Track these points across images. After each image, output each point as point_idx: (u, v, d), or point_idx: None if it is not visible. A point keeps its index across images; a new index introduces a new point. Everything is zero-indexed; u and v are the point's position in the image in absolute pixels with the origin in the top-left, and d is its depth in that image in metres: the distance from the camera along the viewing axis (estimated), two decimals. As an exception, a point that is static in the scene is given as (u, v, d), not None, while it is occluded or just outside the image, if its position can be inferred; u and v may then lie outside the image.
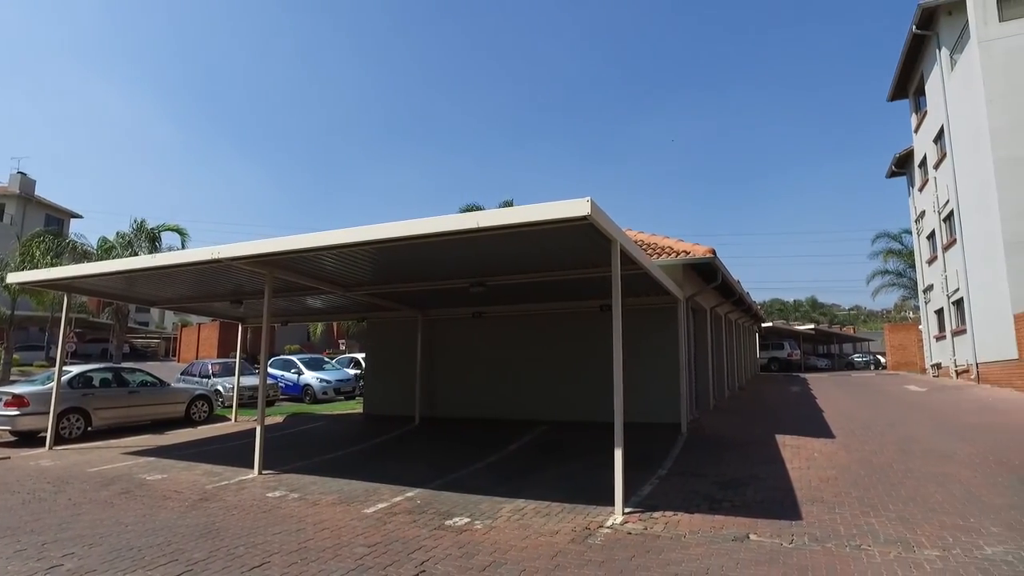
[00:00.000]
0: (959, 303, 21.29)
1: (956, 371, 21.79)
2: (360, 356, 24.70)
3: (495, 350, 13.89)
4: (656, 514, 6.10)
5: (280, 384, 20.99)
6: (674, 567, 4.72)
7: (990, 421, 11.43)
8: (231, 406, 15.76)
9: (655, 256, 11.27)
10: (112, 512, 6.70)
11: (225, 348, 39.77)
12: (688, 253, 11.38)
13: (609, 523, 5.85)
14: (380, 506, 6.72)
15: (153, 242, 25.67)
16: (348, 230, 6.98)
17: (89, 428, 12.63)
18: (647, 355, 11.74)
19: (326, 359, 26.05)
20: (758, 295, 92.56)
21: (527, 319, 13.46)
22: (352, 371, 23.59)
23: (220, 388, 17.92)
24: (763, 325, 34.79)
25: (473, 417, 13.53)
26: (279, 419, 15.53)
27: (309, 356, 25.30)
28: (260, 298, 9.84)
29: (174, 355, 49.78)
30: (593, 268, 8.60)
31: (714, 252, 11.23)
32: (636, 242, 9.54)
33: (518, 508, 6.50)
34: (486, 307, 13.42)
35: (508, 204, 28.82)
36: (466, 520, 6.10)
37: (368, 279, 10.33)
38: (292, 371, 21.69)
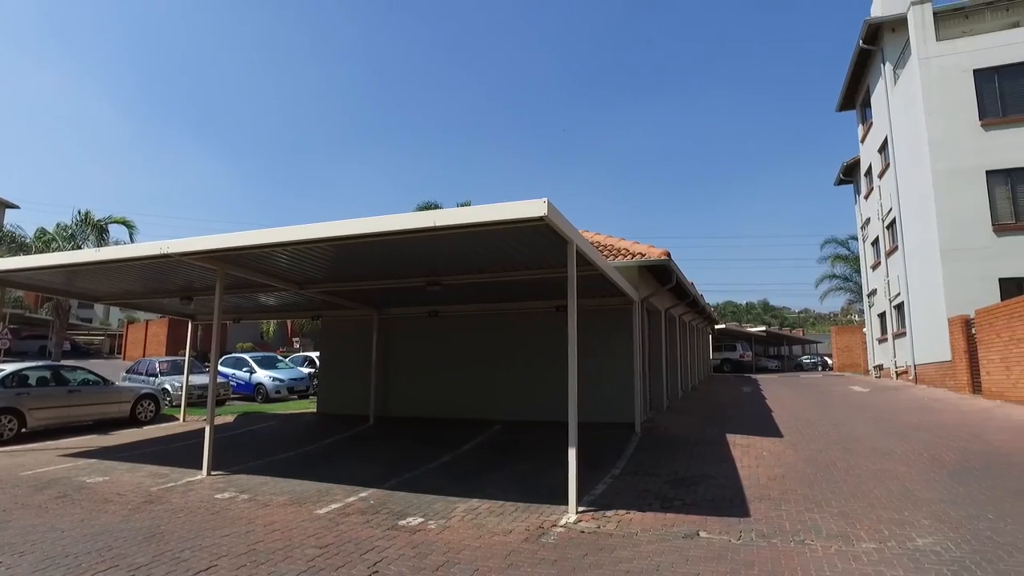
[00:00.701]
0: (900, 307, 22.19)
1: (896, 372, 22.71)
2: (314, 354, 24.29)
3: (451, 349, 13.84)
4: (609, 513, 6.18)
5: (231, 383, 20.48)
6: (626, 564, 4.80)
7: (925, 420, 11.95)
8: (180, 405, 15.30)
9: (611, 258, 11.41)
10: (47, 518, 6.42)
11: (174, 346, 38.59)
12: (643, 255, 11.55)
13: (563, 522, 5.90)
14: (333, 506, 6.63)
15: (101, 235, 24.72)
16: (304, 227, 6.87)
17: (24, 429, 12.07)
18: (602, 355, 11.87)
19: (279, 357, 25.53)
20: (712, 297, 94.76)
21: (483, 319, 13.46)
22: (306, 370, 23.19)
23: (168, 387, 17.38)
24: (716, 327, 35.57)
25: (428, 416, 13.45)
26: (230, 419, 15.15)
27: (262, 354, 24.74)
28: (211, 295, 9.58)
29: (119, 353, 48.08)
30: (549, 269, 8.65)
31: (669, 255, 11.44)
32: (592, 243, 9.66)
33: (472, 508, 6.50)
34: (442, 306, 13.37)
35: (466, 204, 28.84)
36: (420, 520, 6.07)
37: (323, 277, 10.17)
38: (244, 369, 21.19)
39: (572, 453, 6.22)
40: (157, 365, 19.09)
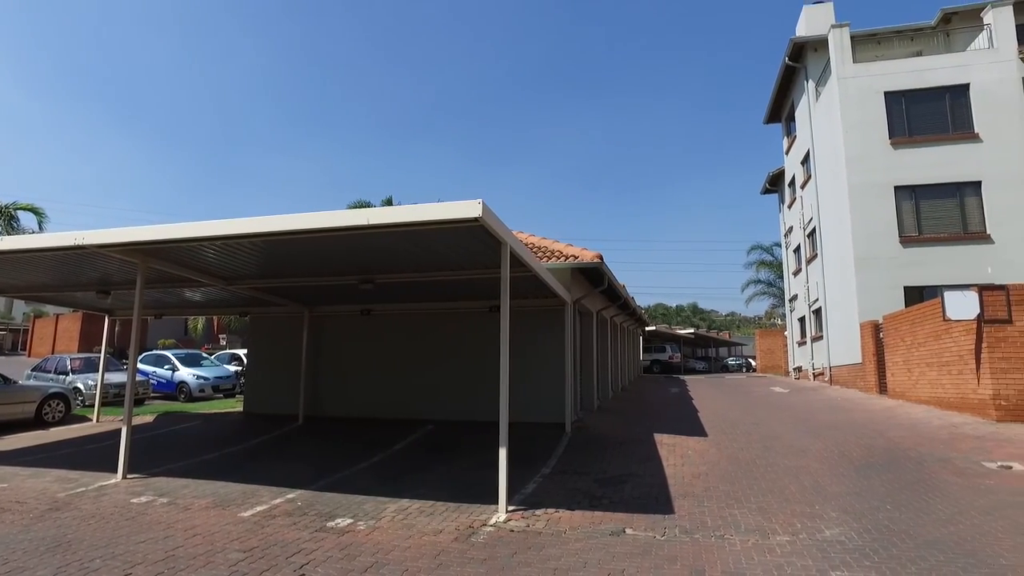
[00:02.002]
0: (818, 312, 23.43)
1: (814, 374, 23.96)
2: (242, 352, 23.49)
3: (383, 348, 13.69)
4: (539, 511, 6.28)
5: (151, 381, 19.56)
6: (553, 563, 4.89)
7: (837, 419, 12.67)
8: (93, 405, 14.49)
9: (544, 259, 11.55)
10: (-59, 525, 5.97)
11: (89, 342, 36.42)
12: (576, 258, 11.75)
13: (493, 521, 5.95)
14: (258, 509, 6.45)
15: (10, 223, 23.09)
16: (233, 221, 6.65)
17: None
18: (534, 356, 12.01)
19: (204, 354, 24.56)
20: (644, 299, 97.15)
21: (417, 318, 13.38)
22: (233, 367, 22.41)
23: (80, 385, 16.43)
24: (647, 328, 36.56)
25: (360, 416, 13.25)
26: (149, 419, 14.45)
27: (185, 351, 23.73)
28: (131, 289, 9.12)
29: (24, 349, 45.04)
30: (483, 269, 8.68)
31: (601, 257, 11.68)
32: (526, 245, 9.74)
33: (402, 508, 6.46)
34: (375, 305, 13.20)
35: (388, 202, 28.51)
36: (349, 521, 5.99)
37: (253, 273, 9.86)
38: (165, 367, 20.25)
39: (503, 453, 6.28)
40: (68, 362, 18.01)
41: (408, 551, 5.15)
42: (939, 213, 18.30)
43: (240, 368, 21.41)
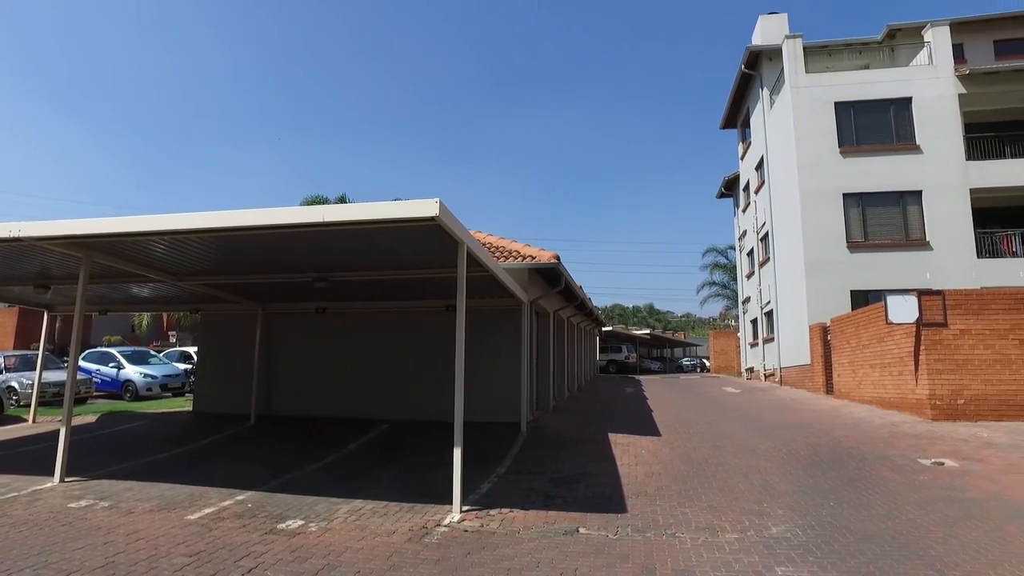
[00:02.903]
0: (770, 314, 24.08)
1: (765, 374, 24.62)
2: (192, 349, 22.83)
3: (338, 347, 13.50)
4: (493, 511, 6.28)
5: (95, 379, 18.81)
6: (507, 562, 4.90)
7: (786, 419, 13.05)
8: (29, 405, 13.87)
9: (502, 259, 11.56)
10: None
11: (26, 338, 34.78)
12: (534, 258, 11.81)
13: (447, 521, 5.93)
14: (206, 511, 6.28)
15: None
16: (183, 215, 6.46)
17: None
18: (490, 356, 12.02)
19: (152, 352, 23.78)
20: (601, 300, 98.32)
21: (372, 316, 13.25)
22: (182, 365, 21.75)
23: (15, 384, 15.71)
24: (603, 329, 36.98)
25: (313, 416, 13.03)
26: (92, 419, 13.91)
27: (132, 349, 22.91)
28: (73, 284, 8.76)
29: (-45, 345, 42.80)
30: (440, 268, 8.64)
31: (558, 258, 11.76)
32: (484, 244, 9.75)
33: (355, 508, 6.39)
34: (330, 303, 13.01)
35: (342, 199, 28.11)
36: (300, 523, 5.89)
37: (204, 269, 9.59)
38: (110, 365, 19.52)
39: (457, 453, 6.27)
40: (2, 360, 17.18)
41: (360, 552, 5.10)
42: (884, 220, 19.04)
43: (190, 366, 20.80)
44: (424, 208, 5.49)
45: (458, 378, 6.46)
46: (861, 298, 17.94)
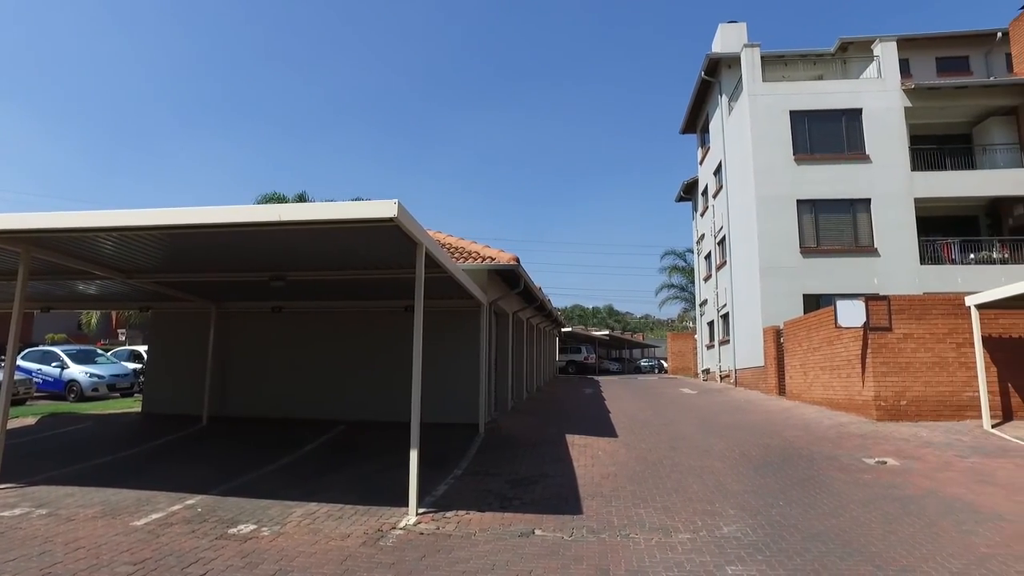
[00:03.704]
0: (726, 317, 24.59)
1: (721, 376, 25.14)
2: (142, 348, 22.13)
3: (295, 347, 13.27)
4: (449, 514, 6.27)
5: (36, 379, 18.08)
6: (462, 565, 4.90)
7: (740, 419, 13.36)
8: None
9: (461, 260, 11.54)
10: None
11: (-37, 335, 33.18)
12: (493, 259, 11.81)
13: (402, 524, 5.89)
14: (154, 517, 6.10)
15: None
16: (134, 212, 6.29)
17: None
18: (449, 357, 11.99)
19: (99, 351, 22.96)
20: (561, 300, 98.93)
21: (330, 316, 13.07)
22: (132, 365, 21.07)
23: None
24: (563, 330, 37.22)
25: (268, 417, 12.78)
26: (31, 421, 13.35)
27: (77, 347, 22.07)
28: (11, 280, 8.38)
29: None
30: (398, 269, 8.57)
31: (517, 260, 11.80)
32: (444, 245, 9.73)
33: (310, 512, 6.30)
34: (287, 302, 12.78)
35: (301, 197, 27.62)
36: (252, 527, 5.78)
37: (155, 266, 9.31)
38: (53, 364, 18.78)
39: (414, 455, 6.24)
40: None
41: (314, 557, 5.03)
42: (835, 226, 19.64)
43: (140, 365, 20.16)
44: (382, 209, 5.45)
45: (415, 379, 6.43)
46: (813, 302, 18.46)
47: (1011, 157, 19.92)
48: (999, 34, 21.45)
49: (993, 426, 10.89)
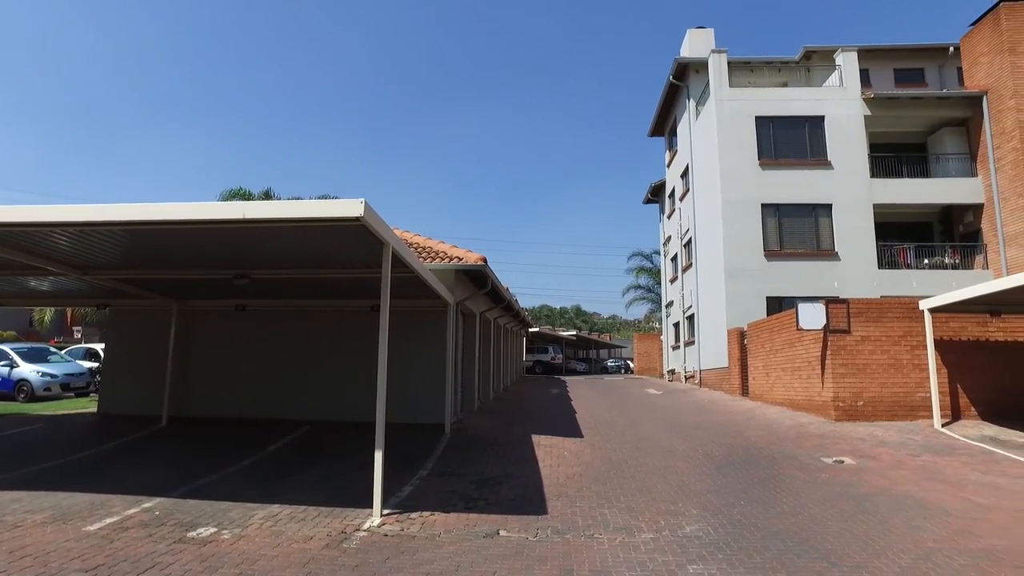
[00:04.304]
0: (691, 318, 24.96)
1: (686, 376, 25.51)
2: (99, 346, 21.49)
3: (259, 346, 13.04)
4: (414, 515, 6.24)
5: (-18, 379, 17.42)
6: (426, 567, 4.88)
7: (704, 420, 13.58)
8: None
9: (428, 260, 11.49)
10: None
11: (-93, 332, 31.81)
12: (461, 259, 11.79)
13: (366, 526, 5.84)
14: (108, 521, 5.93)
15: None
16: (91, 207, 6.08)
17: None
18: (415, 357, 11.92)
19: (53, 349, 22.22)
20: (529, 300, 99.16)
21: (295, 315, 12.88)
22: (87, 363, 20.44)
23: None
24: (530, 330, 37.30)
25: (231, 417, 12.53)
26: (-22, 422, 12.86)
27: (28, 345, 21.31)
28: (-41, 276, 8.08)
29: None
30: (365, 268, 8.47)
31: (485, 260, 11.80)
32: (411, 245, 9.67)
33: (272, 514, 6.20)
34: (251, 300, 12.55)
35: (267, 193, 27.15)
36: (212, 530, 5.66)
37: (113, 263, 9.04)
38: (2, 363, 18.10)
39: (379, 456, 6.19)
40: None
41: (275, 560, 4.95)
42: (798, 230, 20.12)
43: (96, 364, 19.57)
44: (349, 208, 5.39)
45: (381, 379, 6.38)
46: (776, 304, 18.88)
47: (962, 167, 20.69)
48: (951, 48, 22.22)
49: (943, 425, 11.28)
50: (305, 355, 12.84)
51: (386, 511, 6.23)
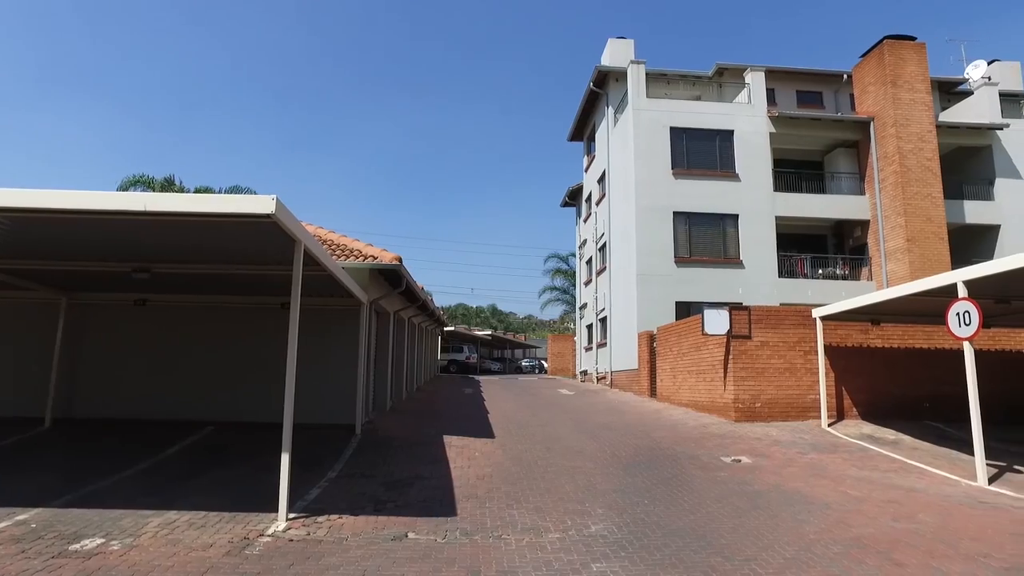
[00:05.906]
0: (604, 321, 25.66)
1: (597, 377, 26.20)
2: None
3: (161, 343, 12.31)
4: (321, 518, 6.11)
5: None
6: (332, 572, 4.80)
7: (613, 420, 14.01)
8: None
9: (342, 258, 11.25)
10: None
11: None
12: (376, 258, 11.62)
13: (271, 531, 5.67)
14: (-27, 536, 5.44)
15: None
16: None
17: None
18: (326, 356, 11.64)
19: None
20: (445, 299, 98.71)
21: (200, 311, 12.25)
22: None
23: None
24: (446, 329, 37.19)
25: (127, 418, 11.74)
26: None
27: None
28: None
29: None
30: (275, 265, 8.21)
31: (400, 260, 11.68)
32: (324, 242, 9.44)
33: (169, 521, 5.90)
34: (152, 294, 11.85)
35: (169, 180, 25.75)
36: (99, 541, 5.31)
37: (-10, 250, 8.29)
38: None
39: (285, 457, 6.02)
40: None
41: (170, 571, 4.72)
42: (707, 238, 21.12)
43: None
44: (260, 204, 5.22)
45: (289, 379, 6.21)
46: (684, 309, 19.71)
47: (853, 185, 22.44)
48: (845, 76, 24.01)
49: (829, 425, 12.19)
50: (210, 353, 12.24)
51: (292, 515, 6.07)
